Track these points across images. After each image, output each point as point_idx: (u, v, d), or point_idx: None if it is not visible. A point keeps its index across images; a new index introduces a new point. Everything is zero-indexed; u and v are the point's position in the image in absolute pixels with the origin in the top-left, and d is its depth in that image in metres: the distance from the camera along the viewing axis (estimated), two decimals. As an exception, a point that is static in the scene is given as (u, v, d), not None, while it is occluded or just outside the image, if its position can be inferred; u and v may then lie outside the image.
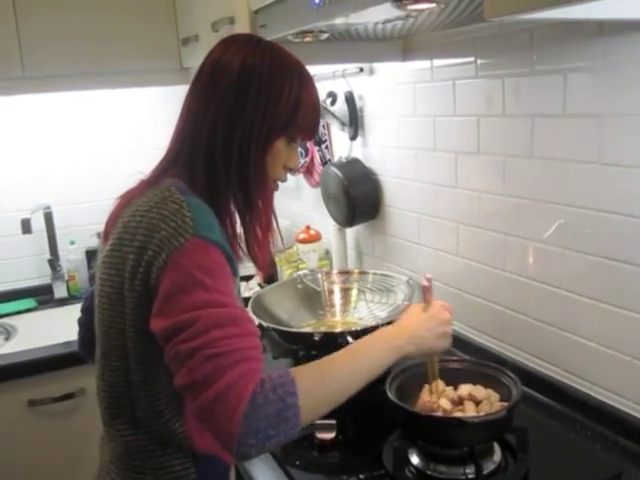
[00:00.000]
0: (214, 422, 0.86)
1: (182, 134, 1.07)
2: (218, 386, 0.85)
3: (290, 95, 1.04)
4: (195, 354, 0.86)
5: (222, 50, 1.07)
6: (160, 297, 0.92)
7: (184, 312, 0.89)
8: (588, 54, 1.25)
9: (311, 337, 1.51)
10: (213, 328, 0.88)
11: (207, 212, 0.99)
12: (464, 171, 1.65)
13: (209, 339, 0.87)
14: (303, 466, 1.27)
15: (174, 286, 0.91)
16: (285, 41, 1.49)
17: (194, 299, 0.89)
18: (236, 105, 1.02)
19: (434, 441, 1.19)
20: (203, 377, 0.86)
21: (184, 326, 0.88)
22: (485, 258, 1.62)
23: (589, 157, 1.28)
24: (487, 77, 1.52)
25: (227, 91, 1.03)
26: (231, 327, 0.89)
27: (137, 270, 0.95)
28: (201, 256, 0.92)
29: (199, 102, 1.06)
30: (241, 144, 1.03)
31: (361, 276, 1.85)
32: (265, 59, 1.04)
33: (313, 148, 2.35)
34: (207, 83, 1.06)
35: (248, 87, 1.02)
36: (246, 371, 0.86)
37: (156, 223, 0.95)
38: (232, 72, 1.03)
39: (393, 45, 1.77)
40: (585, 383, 1.39)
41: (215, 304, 0.90)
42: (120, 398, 1.04)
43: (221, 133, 1.02)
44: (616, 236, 1.26)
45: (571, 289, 1.38)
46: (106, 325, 1.04)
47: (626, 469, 1.18)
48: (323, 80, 2.10)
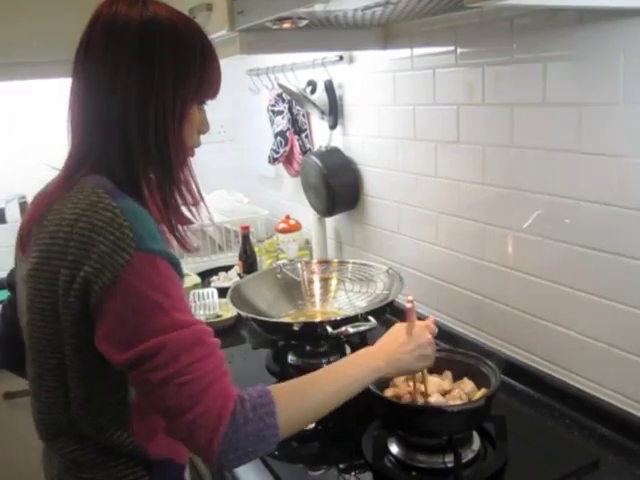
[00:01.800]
0: (194, 443, 0.86)
1: (87, 119, 0.96)
2: (195, 411, 0.84)
3: (196, 54, 0.97)
4: (167, 383, 0.84)
5: (111, 15, 0.95)
6: (112, 321, 0.86)
7: (147, 339, 0.84)
8: (568, 43, 1.25)
9: (290, 327, 1.50)
10: (181, 353, 0.85)
11: (142, 215, 0.91)
12: (444, 160, 1.64)
13: (179, 366, 0.84)
14: (283, 457, 1.26)
15: (129, 310, 0.85)
16: (263, 28, 1.47)
17: (155, 325, 0.85)
18: (144, 77, 0.94)
19: (413, 430, 1.19)
20: (178, 404, 0.84)
21: (150, 355, 0.84)
22: (465, 247, 1.62)
23: (569, 146, 1.28)
24: (467, 66, 1.51)
25: (131, 63, 0.93)
26: (197, 348, 0.86)
27: (71, 286, 0.88)
28: (150, 272, 0.87)
29: (100, 80, 0.94)
30: (156, 119, 0.95)
31: (341, 266, 1.85)
32: (162, 20, 0.95)
33: (293, 137, 2.34)
34: (103, 56, 0.94)
35: (152, 55, 0.94)
36: (220, 392, 0.86)
37: (89, 235, 0.87)
38: (132, 42, 0.93)
39: (373, 33, 1.75)
40: (563, 371, 1.40)
41: (177, 326, 0.86)
42: (59, 419, 0.99)
43: (134, 111, 0.94)
44: (595, 225, 1.26)
45: (550, 278, 1.39)
46: (41, 344, 0.96)
47: (604, 456, 1.19)
48: (302, 68, 2.09)
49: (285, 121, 2.33)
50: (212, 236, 2.47)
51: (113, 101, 0.94)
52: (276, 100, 2.37)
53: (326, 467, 1.24)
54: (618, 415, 1.26)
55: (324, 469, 1.24)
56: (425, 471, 1.16)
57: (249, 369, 1.67)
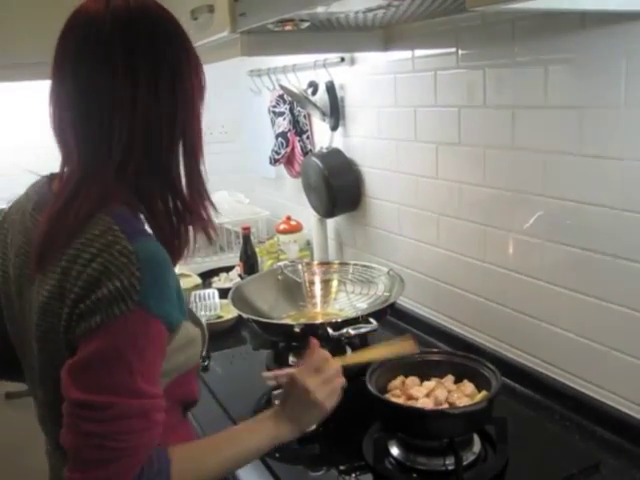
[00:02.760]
0: None
1: (102, 127, 0.89)
2: (95, 475, 0.82)
3: (193, 53, 0.97)
4: (91, 438, 0.82)
5: (119, 10, 0.90)
6: (81, 359, 0.84)
7: (100, 393, 0.82)
8: (569, 46, 1.25)
9: (291, 328, 1.50)
10: (120, 419, 0.83)
11: (158, 265, 0.87)
12: (445, 162, 1.64)
13: (112, 430, 0.82)
14: (283, 458, 1.26)
15: (99, 356, 0.83)
16: (265, 30, 1.47)
17: (115, 381, 0.83)
18: (168, 80, 0.91)
19: (414, 433, 1.19)
20: (85, 459, 0.83)
21: (95, 407, 0.82)
22: (465, 249, 1.62)
23: (570, 149, 1.29)
24: (468, 68, 1.51)
25: (151, 65, 0.89)
26: (137, 420, 0.84)
27: (70, 324, 0.86)
28: (138, 333, 0.84)
29: (114, 83, 0.89)
30: (185, 123, 0.93)
31: (342, 267, 1.85)
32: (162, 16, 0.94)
33: (294, 138, 2.34)
34: (113, 57, 0.88)
35: (187, 49, 0.95)
36: (126, 467, 0.83)
37: (99, 277, 0.84)
38: (144, 39, 0.90)
39: (374, 35, 1.75)
40: (564, 374, 1.40)
41: (132, 393, 0.83)
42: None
43: (162, 119, 0.91)
44: (596, 228, 1.26)
45: (550, 280, 1.39)
46: (48, 360, 0.94)
47: (604, 459, 1.19)
48: (304, 69, 2.09)
49: (286, 122, 2.33)
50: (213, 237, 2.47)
51: (137, 100, 0.89)
52: (277, 101, 2.37)
53: (326, 469, 1.24)
54: (618, 417, 1.26)
55: (324, 470, 1.24)
56: (426, 473, 1.16)
57: (250, 370, 1.67)
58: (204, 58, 1.98)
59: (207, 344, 1.12)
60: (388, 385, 1.27)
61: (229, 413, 1.43)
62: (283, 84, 2.12)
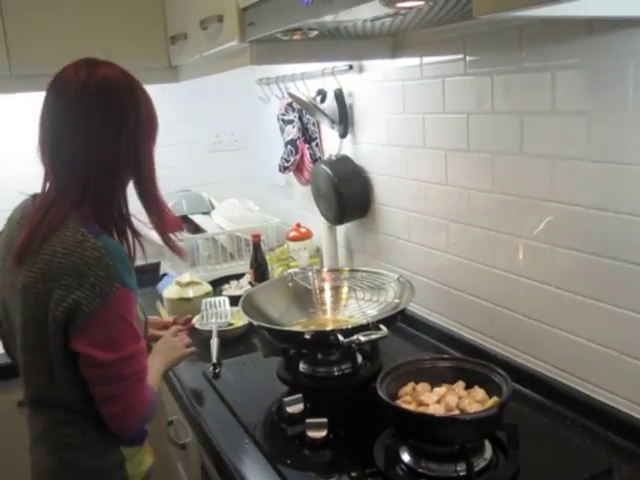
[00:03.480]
0: (117, 425, 1.23)
1: (66, 162, 1.21)
2: (129, 404, 1.21)
3: (149, 102, 1.27)
4: (130, 378, 1.20)
5: (104, 74, 1.23)
6: (98, 333, 1.16)
7: (126, 346, 1.19)
8: (577, 52, 1.25)
9: (302, 336, 1.51)
10: (142, 358, 1.24)
11: (120, 254, 1.19)
12: (454, 168, 1.65)
13: (137, 369, 1.21)
14: (294, 465, 1.27)
15: (112, 327, 1.17)
16: (274, 39, 1.48)
17: (131, 337, 1.20)
18: (115, 131, 1.21)
19: (425, 439, 1.19)
20: (127, 393, 1.21)
21: (129, 357, 1.19)
22: (475, 255, 1.62)
23: (578, 154, 1.29)
24: (476, 74, 1.52)
25: (125, 113, 1.21)
26: (145, 355, 1.26)
27: (61, 303, 1.14)
28: (126, 302, 1.19)
29: (96, 126, 1.20)
30: (135, 162, 1.25)
31: (352, 274, 1.85)
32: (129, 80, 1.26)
33: (303, 146, 2.35)
34: (99, 107, 1.20)
35: (135, 107, 1.23)
36: (138, 400, 1.23)
37: (81, 268, 1.14)
38: (120, 97, 1.22)
39: (382, 42, 1.76)
40: (575, 379, 1.39)
41: (139, 338, 1.23)
42: (46, 396, 1.26)
43: (110, 160, 1.21)
44: (605, 233, 1.26)
45: (560, 286, 1.39)
46: (32, 341, 1.22)
47: (616, 464, 1.18)
48: (312, 77, 2.10)
49: (295, 130, 2.34)
50: (223, 244, 2.48)
51: (100, 149, 1.20)
52: (286, 109, 2.38)
53: (338, 475, 1.24)
54: (630, 423, 1.26)
55: (336, 477, 1.24)
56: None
57: (260, 377, 1.68)
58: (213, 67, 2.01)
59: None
60: (399, 391, 1.28)
61: (240, 420, 1.44)
62: (292, 92, 2.13)
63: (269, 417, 1.47)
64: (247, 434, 1.39)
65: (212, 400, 1.56)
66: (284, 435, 1.40)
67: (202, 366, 1.74)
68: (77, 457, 1.27)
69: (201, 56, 1.90)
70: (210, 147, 2.85)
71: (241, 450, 1.33)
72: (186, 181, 2.72)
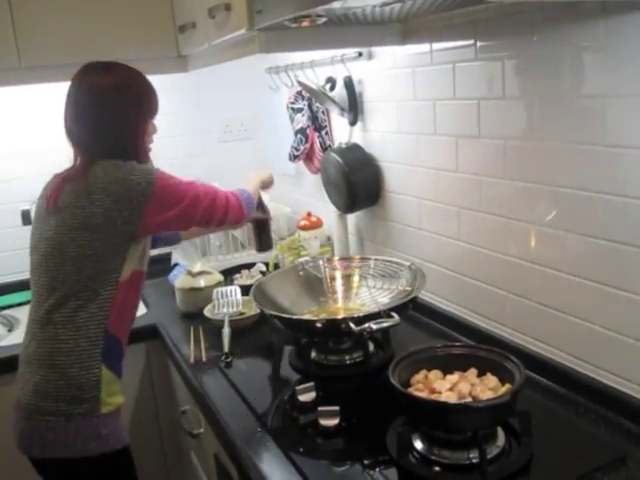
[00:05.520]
0: (236, 218, 1.67)
1: (88, 135, 1.54)
2: (231, 207, 1.65)
3: (143, 95, 1.58)
4: (215, 202, 1.60)
5: (115, 74, 1.55)
6: (156, 206, 1.49)
7: (185, 198, 1.54)
8: (590, 34, 1.23)
9: (313, 324, 1.51)
10: (203, 189, 1.60)
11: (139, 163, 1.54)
12: (465, 155, 1.64)
13: (209, 192, 1.61)
14: (307, 453, 1.27)
15: (168, 193, 1.52)
16: (282, 27, 1.47)
17: (183, 190, 1.55)
18: (120, 114, 1.55)
19: (438, 426, 1.19)
20: (222, 206, 1.62)
21: (194, 199, 1.56)
22: (487, 242, 1.61)
23: (592, 139, 1.27)
24: (487, 59, 1.50)
25: (129, 104, 1.55)
26: (204, 185, 1.63)
27: (118, 207, 1.45)
28: (166, 176, 1.54)
29: (96, 116, 1.54)
30: (130, 134, 1.57)
31: (363, 262, 1.85)
32: (124, 80, 1.56)
33: (313, 134, 2.34)
34: (112, 100, 1.53)
35: (118, 101, 1.54)
36: (230, 194, 1.67)
37: (125, 178, 1.47)
38: (108, 96, 1.53)
39: (392, 29, 1.75)
40: (588, 366, 1.39)
41: (189, 184, 1.58)
42: (64, 288, 1.49)
43: (119, 131, 1.55)
44: (619, 218, 1.25)
45: (574, 272, 1.38)
46: (65, 244, 1.48)
47: (630, 452, 1.18)
48: (322, 65, 2.09)
49: (305, 118, 2.34)
50: (234, 234, 2.48)
51: (106, 126, 1.54)
52: (296, 97, 2.37)
53: (350, 463, 1.24)
54: (645, 410, 1.25)
55: (348, 465, 1.24)
56: (450, 467, 1.16)
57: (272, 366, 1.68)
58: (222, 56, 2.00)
59: None
60: (411, 379, 1.27)
61: (252, 409, 1.44)
62: (301, 80, 2.12)
63: (281, 406, 1.48)
64: (259, 423, 1.39)
65: (224, 389, 1.57)
66: (296, 423, 1.40)
67: (214, 355, 1.74)
68: (65, 363, 1.47)
69: (210, 45, 1.89)
70: (220, 137, 2.85)
71: (254, 439, 1.34)
72: (196, 171, 2.71)
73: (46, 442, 1.48)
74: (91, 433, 1.47)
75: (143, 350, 2.09)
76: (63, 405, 1.46)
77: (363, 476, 1.19)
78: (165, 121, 1.45)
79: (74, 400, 1.46)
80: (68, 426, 1.46)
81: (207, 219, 1.60)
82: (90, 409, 1.47)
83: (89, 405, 1.47)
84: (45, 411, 1.47)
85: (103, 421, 1.49)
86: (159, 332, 2.02)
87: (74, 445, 1.47)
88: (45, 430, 1.47)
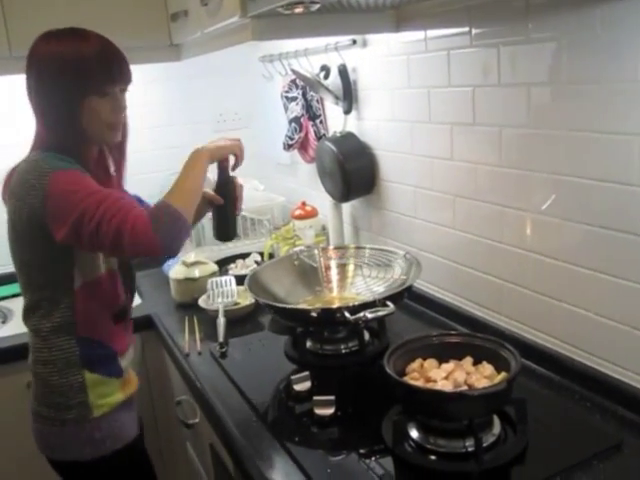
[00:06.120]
0: (142, 245, 1.22)
1: (37, 122, 1.38)
2: (127, 232, 1.21)
3: (68, 62, 1.32)
4: (101, 225, 1.22)
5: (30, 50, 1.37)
6: (51, 216, 1.27)
7: (73, 212, 1.23)
8: (585, 21, 1.22)
9: (309, 314, 1.50)
10: (100, 205, 1.23)
11: (59, 158, 1.31)
12: (460, 143, 1.63)
13: (102, 211, 1.23)
14: (302, 442, 1.27)
15: (57, 203, 1.26)
16: (275, 13, 1.46)
17: (75, 201, 1.24)
18: (41, 88, 1.36)
19: (433, 415, 1.19)
20: (115, 233, 1.22)
21: (80, 218, 1.23)
22: (482, 230, 1.61)
23: (588, 126, 1.26)
24: (482, 46, 1.49)
25: (32, 80, 1.37)
26: (109, 198, 1.25)
27: (23, 213, 1.30)
28: (64, 178, 1.27)
29: (29, 91, 1.38)
30: (54, 115, 1.36)
31: (358, 251, 1.84)
32: (49, 47, 1.35)
33: (307, 123, 2.33)
34: (27, 77, 1.38)
35: (40, 73, 1.35)
36: (136, 215, 1.23)
37: (25, 178, 1.30)
38: (31, 67, 1.37)
39: (386, 16, 1.73)
40: (583, 354, 1.39)
41: (89, 194, 1.25)
42: (31, 299, 1.42)
43: (43, 111, 1.38)
44: (614, 205, 1.24)
45: (569, 260, 1.37)
46: (13, 247, 1.40)
47: (626, 439, 1.18)
48: (316, 53, 2.07)
49: (299, 107, 2.32)
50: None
51: (32, 104, 1.37)
52: (290, 86, 2.36)
53: (346, 452, 1.24)
54: (640, 397, 1.25)
55: (344, 454, 1.24)
56: (445, 455, 1.16)
57: (268, 356, 1.67)
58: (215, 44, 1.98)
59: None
60: (406, 368, 1.27)
61: (248, 398, 1.44)
62: (295, 69, 2.10)
63: (277, 395, 1.47)
64: (255, 412, 1.39)
65: (220, 379, 1.56)
66: (292, 413, 1.40)
67: (209, 346, 1.74)
68: (44, 372, 1.44)
69: (202, 33, 1.87)
70: (214, 126, 2.83)
71: (249, 428, 1.33)
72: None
73: (49, 445, 1.49)
74: (84, 438, 1.45)
75: (138, 341, 2.07)
76: (53, 412, 1.45)
77: (359, 465, 1.19)
78: (158, 111, 1.32)
79: (61, 406, 1.44)
80: (63, 430, 1.45)
81: (97, 245, 1.27)
82: (80, 414, 1.44)
83: (77, 411, 1.44)
84: (42, 416, 1.47)
85: (97, 425, 1.45)
86: (154, 323, 2.01)
87: (70, 449, 1.47)
88: (47, 434, 1.48)
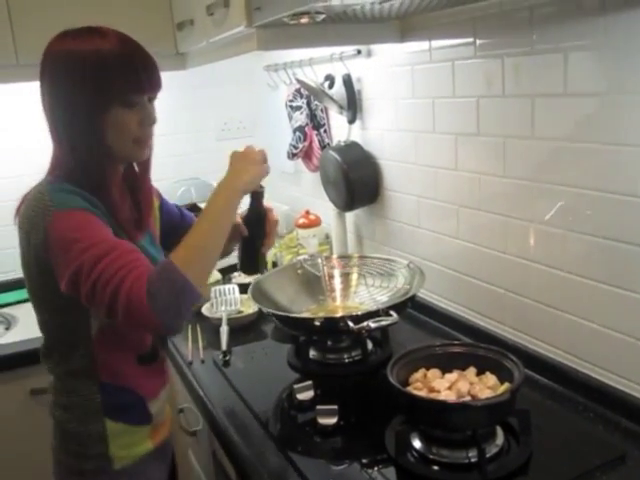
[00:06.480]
0: (135, 321, 1.07)
1: (53, 139, 1.24)
2: (121, 300, 1.06)
3: (85, 65, 1.15)
4: (96, 287, 1.07)
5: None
6: (53, 264, 1.12)
7: (71, 265, 1.08)
8: (589, 32, 1.23)
9: (312, 322, 1.50)
10: (98, 262, 1.07)
11: (65, 190, 1.15)
12: (464, 153, 1.63)
13: (99, 271, 1.07)
14: (305, 451, 1.27)
15: (57, 252, 1.11)
16: (281, 23, 1.47)
17: (73, 253, 1.09)
18: (52, 95, 1.21)
19: (436, 425, 1.18)
20: (110, 299, 1.06)
21: (76, 274, 1.08)
22: (486, 241, 1.61)
23: (591, 137, 1.27)
24: (486, 57, 1.49)
25: (45, 87, 1.21)
26: (110, 254, 1.09)
27: (28, 251, 1.18)
28: (66, 223, 1.11)
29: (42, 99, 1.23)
30: (65, 129, 1.21)
31: (361, 260, 1.84)
32: (64, 45, 1.20)
33: (312, 132, 2.33)
34: (41, 82, 1.22)
35: (52, 77, 1.20)
36: (133, 280, 1.06)
37: (29, 213, 1.16)
38: (44, 71, 1.21)
39: (391, 26, 1.74)
40: (587, 365, 1.38)
41: (90, 245, 1.09)
42: (47, 341, 1.30)
43: (55, 127, 1.23)
44: (618, 217, 1.24)
45: (572, 271, 1.37)
46: (28, 282, 1.26)
47: (630, 450, 1.17)
48: (320, 63, 2.08)
49: (303, 116, 2.33)
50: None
51: (46, 118, 1.21)
52: (294, 95, 2.37)
53: (349, 462, 1.24)
54: (644, 409, 1.25)
55: (346, 464, 1.24)
56: (448, 466, 1.16)
57: (271, 364, 1.67)
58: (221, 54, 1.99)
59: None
60: (409, 378, 1.27)
61: (250, 407, 1.44)
62: (300, 78, 2.11)
63: (279, 404, 1.47)
64: (257, 421, 1.39)
65: (223, 388, 1.56)
66: (294, 422, 1.40)
67: (212, 354, 1.74)
68: (62, 417, 1.30)
69: (208, 42, 1.88)
70: (218, 135, 2.85)
71: (252, 437, 1.33)
72: (194, 169, 2.72)
73: None
74: None
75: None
76: (71, 459, 1.30)
77: (361, 475, 1.18)
78: (163, 119, 1.30)
79: (79, 455, 1.29)
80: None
81: (95, 307, 1.12)
82: (99, 466, 1.28)
83: (96, 462, 1.27)
84: (61, 462, 1.33)
85: (118, 478, 1.29)
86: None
87: None
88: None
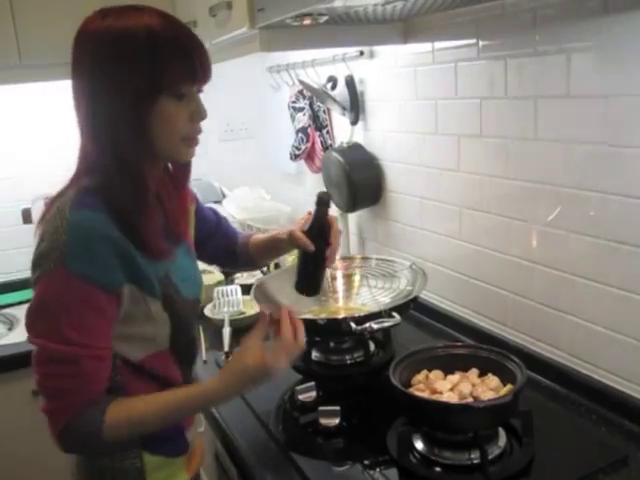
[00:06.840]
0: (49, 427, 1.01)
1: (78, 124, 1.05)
2: (45, 407, 1.00)
3: (138, 49, 1.01)
4: (37, 376, 0.99)
5: (78, 31, 1.10)
6: (29, 307, 0.99)
7: (36, 336, 0.98)
8: (592, 33, 1.23)
9: (314, 323, 1.50)
10: (49, 362, 0.97)
11: (89, 234, 0.96)
12: (467, 154, 1.63)
13: (44, 372, 0.98)
14: (307, 453, 1.27)
15: (35, 304, 0.98)
16: (284, 25, 1.47)
17: (45, 327, 0.97)
18: (94, 85, 1.03)
19: (439, 427, 1.18)
20: (43, 394, 1.00)
21: (34, 348, 0.99)
22: (489, 242, 1.61)
23: (594, 138, 1.27)
24: (489, 58, 1.49)
25: (84, 73, 1.04)
26: (67, 366, 0.97)
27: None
28: (62, 290, 0.96)
29: (74, 90, 1.06)
30: (107, 123, 1.03)
31: (364, 262, 1.84)
32: (110, 28, 1.08)
33: (314, 133, 2.33)
34: (73, 68, 1.06)
35: (93, 63, 1.04)
36: (58, 409, 0.99)
37: (41, 234, 0.99)
38: (81, 54, 1.07)
39: (394, 27, 1.74)
40: (589, 366, 1.38)
41: (60, 340, 0.96)
42: None
43: (92, 119, 1.03)
44: (621, 218, 1.24)
45: (575, 272, 1.37)
46: None
47: (632, 452, 1.17)
48: (323, 64, 2.08)
49: (306, 117, 2.33)
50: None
51: (80, 110, 1.02)
52: (297, 96, 2.37)
53: (351, 463, 1.24)
54: (647, 411, 1.24)
55: (349, 465, 1.24)
56: (451, 468, 1.16)
57: (273, 366, 1.67)
58: (223, 55, 1.99)
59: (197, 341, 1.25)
60: (412, 379, 1.27)
61: (253, 408, 1.44)
62: (302, 79, 2.11)
63: (282, 405, 1.47)
64: (260, 422, 1.39)
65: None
66: (297, 423, 1.39)
67: (215, 355, 1.74)
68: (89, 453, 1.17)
69: (211, 44, 1.88)
70: (221, 136, 2.85)
71: (254, 438, 1.33)
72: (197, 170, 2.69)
73: None
74: None
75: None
76: None
77: (363, 476, 1.18)
78: None
79: None
80: None
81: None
82: None
83: None
84: None
85: None
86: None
87: None
88: None
